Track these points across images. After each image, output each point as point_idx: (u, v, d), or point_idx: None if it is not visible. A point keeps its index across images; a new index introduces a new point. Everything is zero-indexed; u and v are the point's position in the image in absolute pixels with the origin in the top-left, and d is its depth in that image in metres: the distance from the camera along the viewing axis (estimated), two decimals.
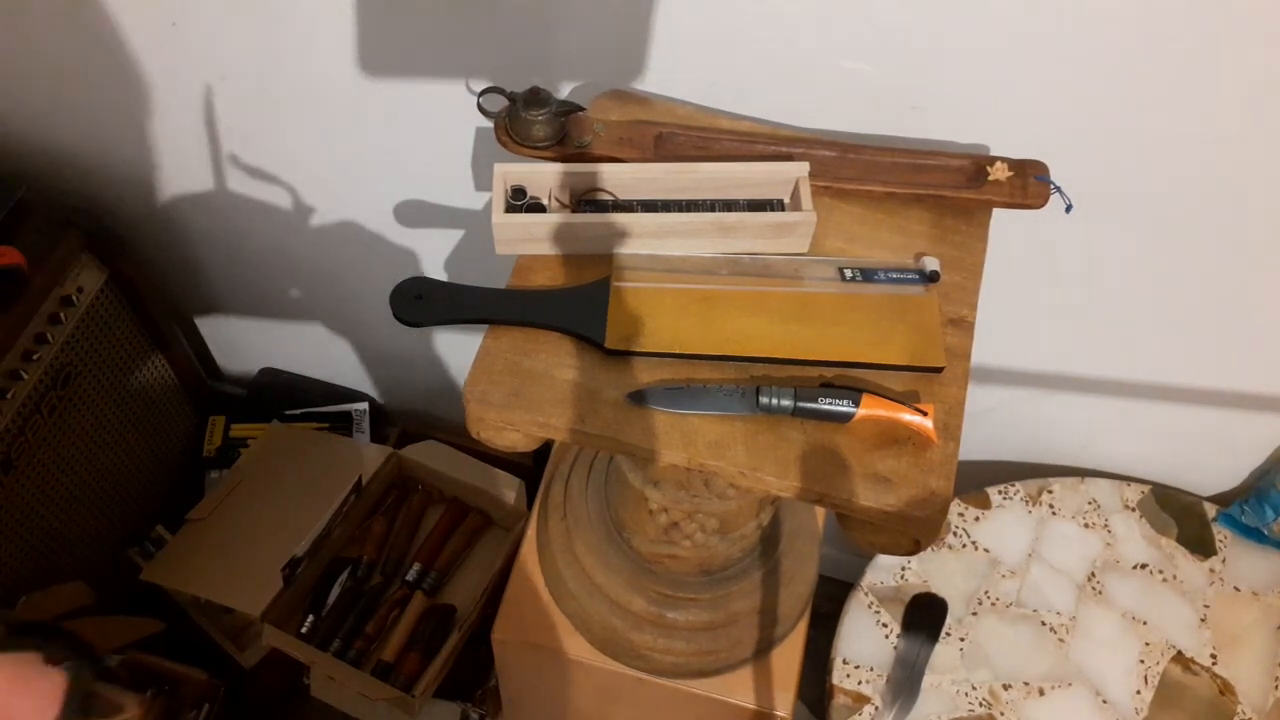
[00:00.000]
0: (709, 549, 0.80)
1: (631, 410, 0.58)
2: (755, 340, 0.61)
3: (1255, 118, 0.70)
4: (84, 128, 1.10)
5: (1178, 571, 1.02)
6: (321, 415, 1.42)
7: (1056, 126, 0.73)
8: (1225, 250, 0.81)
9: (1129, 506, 1.06)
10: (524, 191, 0.65)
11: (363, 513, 1.29)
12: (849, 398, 0.57)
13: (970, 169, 0.69)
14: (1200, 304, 0.87)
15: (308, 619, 1.21)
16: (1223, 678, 0.96)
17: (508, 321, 0.62)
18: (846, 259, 0.66)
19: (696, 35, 0.76)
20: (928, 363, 0.60)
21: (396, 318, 0.61)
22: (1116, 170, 0.76)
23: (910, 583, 1.02)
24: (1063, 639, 0.98)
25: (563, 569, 0.89)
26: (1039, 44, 0.69)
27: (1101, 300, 0.90)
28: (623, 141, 0.68)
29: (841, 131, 0.77)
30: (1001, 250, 0.69)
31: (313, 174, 1.07)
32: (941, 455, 0.57)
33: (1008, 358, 1.00)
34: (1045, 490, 1.07)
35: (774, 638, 0.89)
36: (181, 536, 1.25)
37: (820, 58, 0.74)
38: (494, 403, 0.59)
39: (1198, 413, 0.98)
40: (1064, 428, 1.07)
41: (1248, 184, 0.75)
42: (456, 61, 0.86)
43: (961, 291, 0.65)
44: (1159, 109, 0.71)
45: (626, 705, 0.96)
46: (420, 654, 1.18)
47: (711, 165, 0.66)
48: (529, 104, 0.67)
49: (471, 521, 1.29)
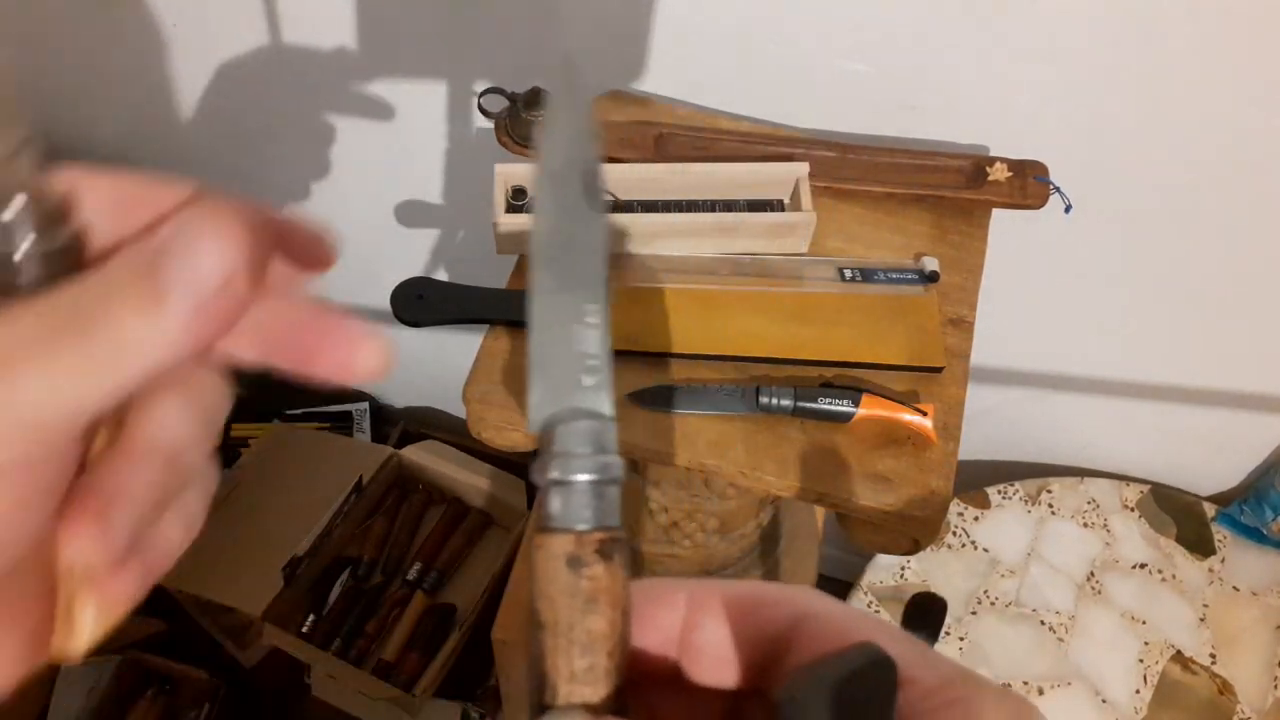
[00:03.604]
0: (709, 549, 0.80)
1: (631, 410, 0.58)
2: (755, 340, 0.61)
3: (1256, 117, 0.70)
4: (84, 128, 1.10)
5: (1177, 571, 1.02)
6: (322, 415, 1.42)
7: (1056, 126, 0.74)
8: (1225, 250, 0.81)
9: (1128, 506, 1.06)
10: (524, 192, 0.65)
11: (363, 512, 1.29)
12: (849, 397, 0.57)
13: (970, 169, 0.69)
14: (1200, 304, 0.87)
15: (308, 618, 1.22)
16: (1222, 677, 0.97)
17: (508, 321, 0.62)
18: (846, 259, 0.66)
19: (696, 35, 0.76)
20: (927, 363, 0.60)
21: (396, 317, 0.61)
22: (1116, 170, 0.76)
23: (910, 582, 1.02)
24: (1062, 638, 0.98)
25: None
26: (1039, 44, 0.69)
27: (1101, 300, 0.90)
28: (623, 142, 0.68)
29: (841, 131, 0.77)
30: (1001, 250, 0.70)
31: (313, 174, 1.07)
32: (941, 455, 0.57)
33: (1008, 358, 1.00)
34: (1045, 490, 1.07)
35: None
36: None
37: (820, 58, 0.74)
38: (494, 402, 0.59)
39: (1198, 413, 0.98)
40: (1064, 428, 1.08)
41: (1248, 184, 0.75)
42: (457, 62, 0.86)
43: (961, 291, 0.65)
44: (1159, 109, 0.71)
45: None
46: (420, 653, 1.19)
47: (711, 165, 0.66)
48: (530, 104, 0.67)
49: (472, 521, 1.30)
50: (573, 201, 0.25)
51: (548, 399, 0.24)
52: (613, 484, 0.24)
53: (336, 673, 1.19)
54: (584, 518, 0.23)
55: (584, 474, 0.23)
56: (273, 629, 1.18)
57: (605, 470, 0.24)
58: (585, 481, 0.23)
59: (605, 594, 0.23)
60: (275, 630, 1.18)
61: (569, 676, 0.23)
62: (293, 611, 1.22)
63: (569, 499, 0.23)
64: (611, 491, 0.24)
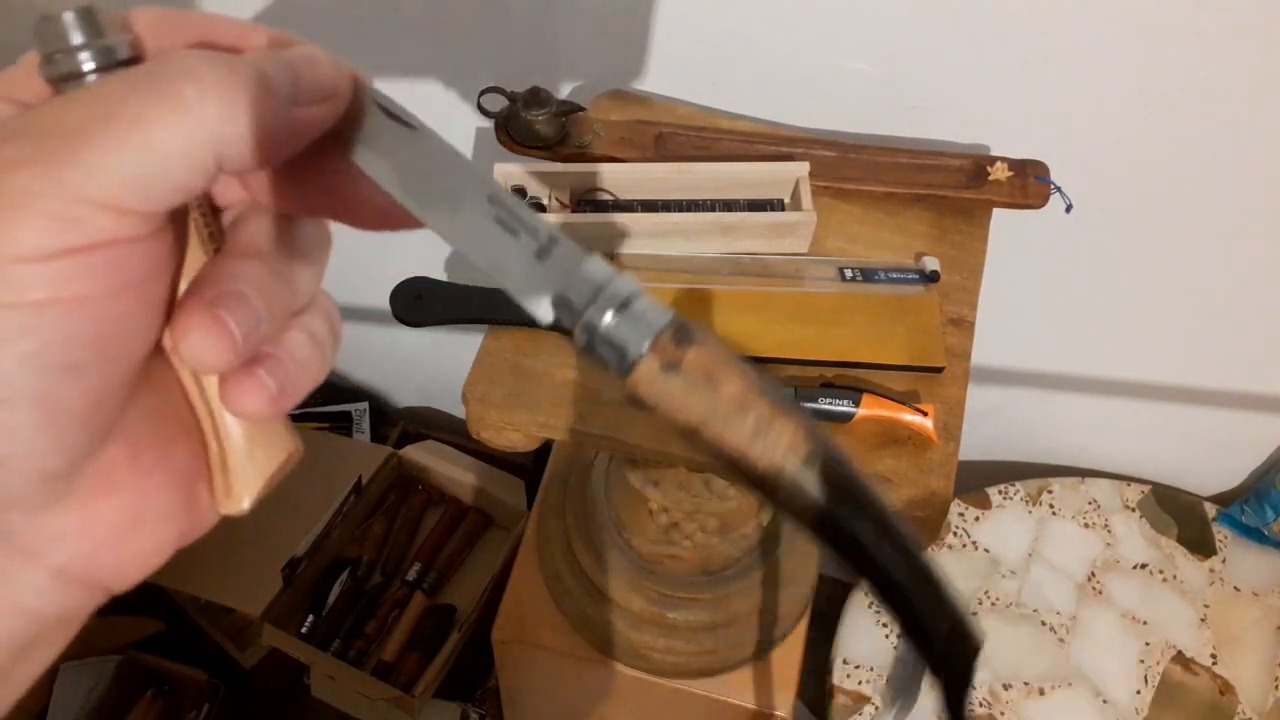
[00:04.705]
0: (709, 549, 0.80)
1: (632, 410, 0.58)
2: (755, 340, 0.61)
3: (1256, 117, 0.70)
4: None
5: (1178, 571, 1.02)
6: (321, 415, 1.42)
7: (1056, 126, 0.73)
8: (1225, 250, 0.81)
9: (1129, 506, 1.06)
10: (524, 191, 0.65)
11: (363, 513, 1.29)
12: (849, 398, 0.57)
13: (970, 169, 0.69)
14: (1200, 304, 0.87)
15: (308, 619, 1.21)
16: (1223, 678, 0.96)
17: (508, 321, 0.62)
18: (846, 259, 0.66)
19: (696, 35, 0.76)
20: (928, 363, 0.60)
21: (396, 317, 0.61)
22: (1117, 170, 0.76)
23: None
24: (1063, 639, 0.98)
25: (563, 569, 0.89)
26: (1039, 44, 0.69)
27: (1101, 300, 0.90)
28: (623, 141, 0.68)
29: (841, 131, 0.77)
30: (1002, 250, 0.69)
31: None
32: (942, 455, 0.57)
33: (1008, 358, 1.00)
34: (1045, 490, 1.07)
35: (774, 638, 0.89)
36: None
37: (820, 58, 0.74)
38: (494, 403, 0.59)
39: (1198, 413, 0.98)
40: (1064, 428, 1.07)
41: (1248, 184, 0.75)
42: (456, 61, 0.86)
43: (962, 291, 0.65)
44: (1160, 108, 0.71)
45: (626, 705, 0.96)
46: (420, 654, 1.18)
47: (711, 165, 0.66)
48: (529, 104, 0.67)
49: (471, 521, 1.29)
50: (401, 135, 0.24)
51: (529, 286, 0.24)
52: (632, 299, 0.23)
53: (336, 673, 1.19)
54: (636, 341, 0.23)
55: (605, 311, 0.23)
56: (272, 629, 1.17)
57: (610, 290, 0.23)
58: (610, 316, 0.23)
59: (712, 362, 0.23)
60: (274, 631, 1.18)
61: (753, 437, 0.23)
62: (292, 612, 1.22)
63: (614, 335, 0.23)
64: (637, 303, 0.23)
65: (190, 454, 0.23)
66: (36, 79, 0.21)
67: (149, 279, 0.21)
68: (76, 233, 0.19)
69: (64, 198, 0.18)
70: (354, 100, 0.24)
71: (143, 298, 0.21)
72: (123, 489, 0.22)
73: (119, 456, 0.22)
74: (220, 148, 0.20)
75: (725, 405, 0.23)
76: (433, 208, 0.23)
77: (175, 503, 0.23)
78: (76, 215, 0.18)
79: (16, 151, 0.18)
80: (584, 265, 0.24)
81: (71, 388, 0.19)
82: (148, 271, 0.20)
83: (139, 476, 0.22)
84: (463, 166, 0.24)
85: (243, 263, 0.22)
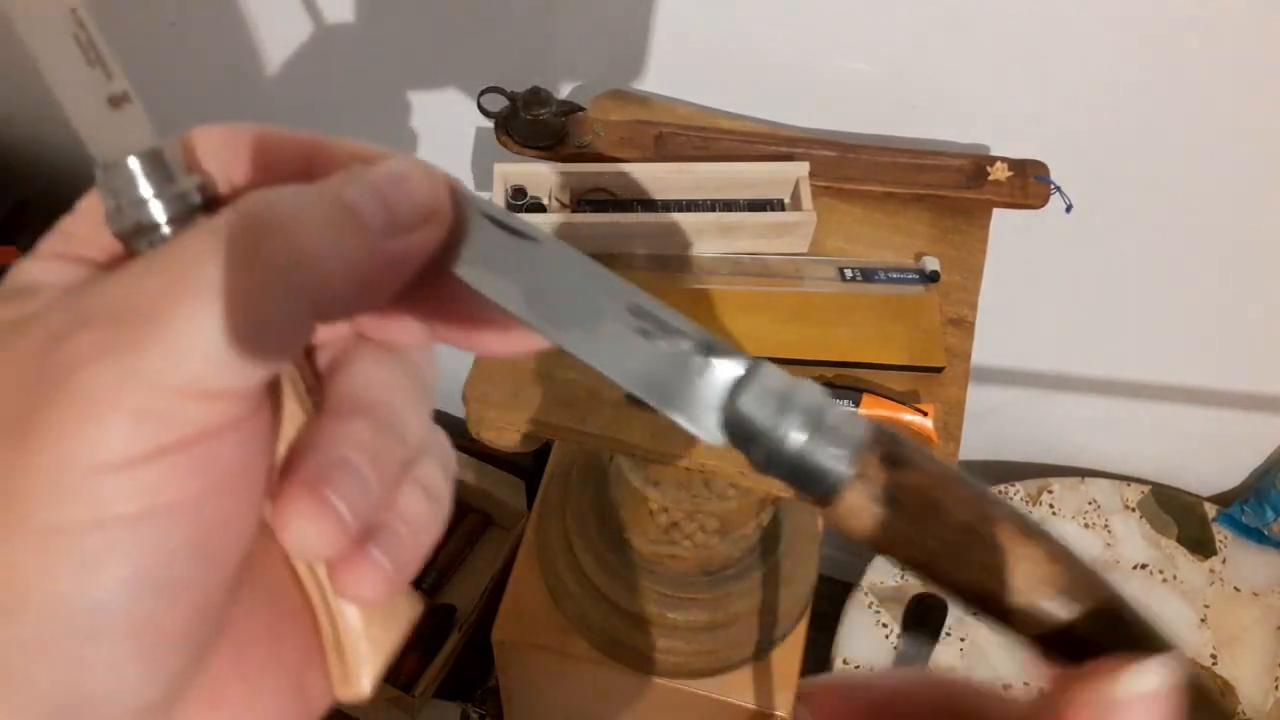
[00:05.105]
0: (709, 549, 0.80)
1: (631, 410, 0.58)
2: (755, 340, 0.61)
3: (1256, 117, 0.70)
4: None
5: (1178, 572, 1.02)
6: None
7: (1056, 126, 0.73)
8: (1225, 250, 0.81)
9: (1129, 506, 1.06)
10: (524, 192, 0.65)
11: None
12: (849, 398, 0.57)
13: (970, 169, 0.69)
14: (1200, 304, 0.87)
15: None
16: (1223, 678, 0.96)
17: None
18: (846, 259, 0.66)
19: (696, 35, 0.76)
20: (928, 363, 0.60)
21: None
22: (1117, 170, 0.76)
23: (911, 583, 1.02)
24: None
25: (563, 569, 0.89)
26: (1040, 44, 0.69)
27: (1102, 300, 0.90)
28: (623, 141, 0.68)
29: (841, 131, 0.77)
30: (1001, 250, 0.69)
31: None
32: (941, 455, 0.57)
33: (1008, 358, 1.00)
34: (1045, 490, 1.07)
35: (774, 638, 0.89)
36: None
37: (820, 58, 0.74)
38: (494, 403, 0.59)
39: (1198, 413, 0.98)
40: (1064, 428, 1.07)
41: (1248, 184, 0.75)
42: (456, 61, 0.86)
43: (961, 291, 0.65)
44: (1160, 108, 0.71)
45: (627, 705, 0.96)
46: (420, 654, 1.18)
47: (711, 165, 0.66)
48: (529, 104, 0.67)
49: (471, 522, 1.29)
50: (524, 253, 0.21)
51: (693, 407, 0.20)
52: (824, 411, 0.20)
53: None
54: (837, 456, 0.19)
55: (796, 430, 0.20)
56: None
57: (797, 401, 0.20)
58: (799, 434, 0.20)
59: (933, 486, 0.20)
60: None
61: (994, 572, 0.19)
62: None
63: (809, 459, 0.20)
64: (830, 413, 0.20)
65: (301, 645, 0.21)
66: (104, 232, 0.19)
67: (249, 463, 0.18)
68: (166, 429, 0.16)
69: (148, 389, 0.16)
70: (456, 215, 0.21)
71: (244, 485, 0.18)
72: (229, 704, 0.19)
73: (224, 667, 0.19)
74: (316, 301, 0.17)
75: (955, 538, 0.19)
76: (567, 328, 0.21)
77: (286, 706, 0.20)
78: (164, 408, 0.16)
79: (93, 340, 0.16)
80: (760, 374, 0.20)
81: (172, 608, 0.17)
82: (248, 456, 0.18)
83: (247, 687, 0.19)
84: (595, 276, 0.21)
85: (346, 422, 0.19)
